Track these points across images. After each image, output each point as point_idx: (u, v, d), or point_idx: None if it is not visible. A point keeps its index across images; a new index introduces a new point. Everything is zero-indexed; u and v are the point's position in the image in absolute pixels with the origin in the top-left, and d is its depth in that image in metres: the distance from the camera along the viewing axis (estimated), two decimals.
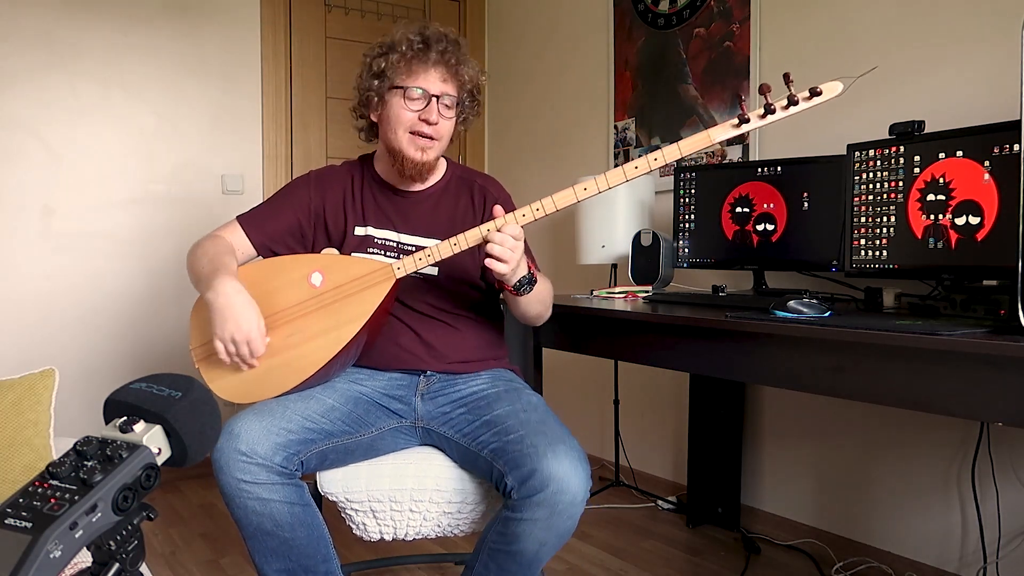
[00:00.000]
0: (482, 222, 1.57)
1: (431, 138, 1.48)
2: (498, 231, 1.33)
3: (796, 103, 1.25)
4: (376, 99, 1.51)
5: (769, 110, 1.26)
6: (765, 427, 2.37)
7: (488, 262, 1.33)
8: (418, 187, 1.59)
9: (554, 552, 1.30)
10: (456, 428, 1.47)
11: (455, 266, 1.55)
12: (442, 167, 1.63)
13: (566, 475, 1.24)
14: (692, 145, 1.30)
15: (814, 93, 1.24)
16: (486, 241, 1.34)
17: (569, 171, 3.08)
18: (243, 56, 3.00)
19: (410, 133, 1.48)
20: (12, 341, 2.63)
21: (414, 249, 1.54)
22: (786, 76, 1.23)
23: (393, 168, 1.55)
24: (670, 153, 1.31)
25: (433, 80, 1.48)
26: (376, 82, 1.50)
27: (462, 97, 1.53)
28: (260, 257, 1.57)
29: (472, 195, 1.61)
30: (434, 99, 1.47)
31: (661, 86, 2.66)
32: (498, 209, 1.37)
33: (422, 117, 1.47)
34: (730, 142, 2.41)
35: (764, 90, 1.24)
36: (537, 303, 1.49)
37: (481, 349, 1.59)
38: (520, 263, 1.37)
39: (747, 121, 1.27)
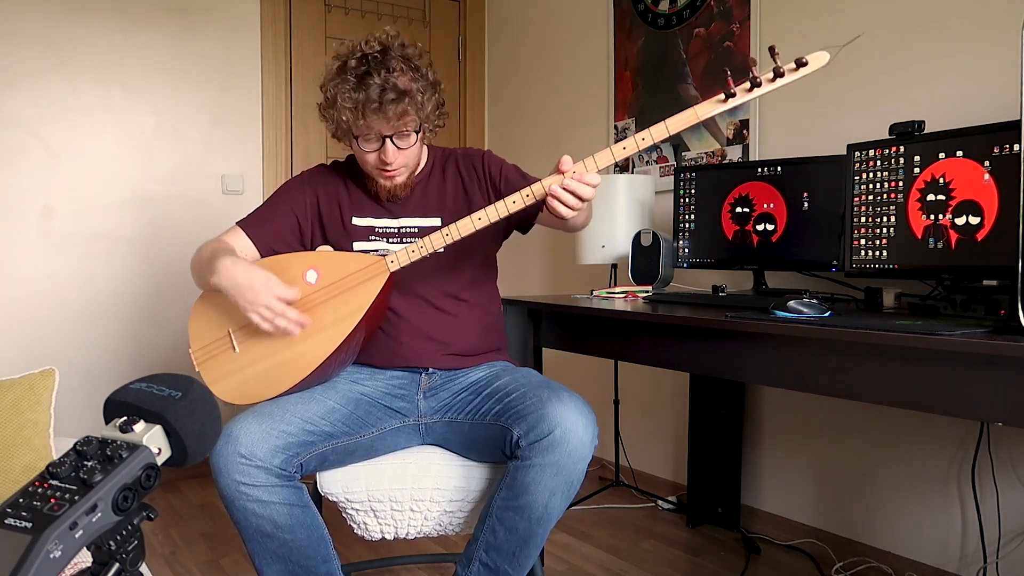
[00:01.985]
0: (480, 184, 1.60)
1: (394, 171, 1.49)
2: (563, 188, 1.30)
3: (782, 75, 1.23)
4: (343, 134, 1.49)
5: (755, 83, 1.24)
6: (765, 427, 2.37)
7: (561, 210, 1.32)
8: None
9: (563, 507, 1.30)
10: (459, 410, 1.49)
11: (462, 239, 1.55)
12: (424, 154, 1.65)
13: (572, 417, 1.26)
14: (679, 123, 1.30)
15: (800, 64, 1.22)
16: (543, 197, 1.32)
17: None
18: (243, 56, 3.00)
19: (375, 168, 1.50)
20: (12, 341, 2.63)
21: (416, 231, 1.57)
22: (771, 49, 1.20)
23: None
24: (657, 132, 1.31)
25: (383, 124, 1.41)
26: (340, 121, 1.45)
27: (422, 122, 1.47)
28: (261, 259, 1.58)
29: (458, 166, 1.63)
30: (387, 140, 1.43)
31: (661, 86, 2.66)
32: (566, 160, 1.31)
33: (380, 159, 1.46)
34: (730, 142, 2.41)
35: (750, 64, 1.23)
36: (586, 210, 1.47)
37: (481, 338, 1.60)
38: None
39: (733, 95, 1.26)
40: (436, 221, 1.58)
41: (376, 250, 1.56)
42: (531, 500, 1.27)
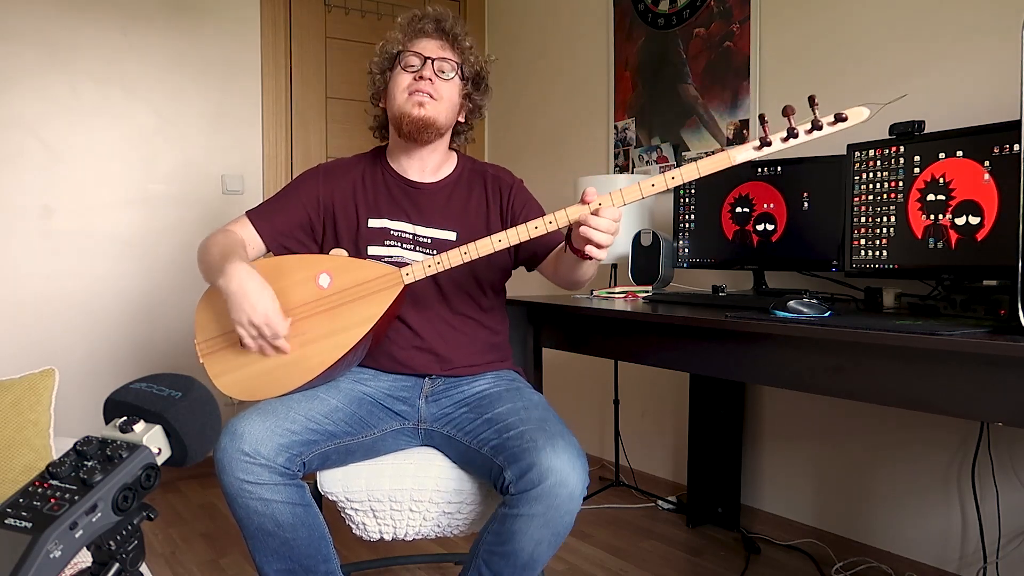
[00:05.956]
0: (503, 212, 1.60)
1: (429, 94, 1.50)
2: (593, 214, 1.27)
3: (820, 128, 1.21)
4: (381, 83, 1.57)
5: (792, 134, 1.22)
6: (765, 427, 2.37)
7: (589, 250, 1.30)
8: (431, 179, 1.60)
9: (549, 554, 1.29)
10: (458, 427, 1.47)
11: (473, 263, 1.54)
12: (453, 160, 1.64)
13: (564, 468, 1.23)
14: (712, 166, 1.27)
15: (839, 119, 1.21)
16: (577, 224, 1.29)
17: (569, 171, 3.08)
18: (243, 56, 3.00)
19: (408, 94, 1.50)
20: (12, 341, 2.63)
21: (429, 241, 1.55)
22: (811, 99, 1.19)
23: (400, 142, 1.56)
24: (688, 173, 1.28)
25: (430, 47, 1.53)
26: (380, 61, 1.57)
27: (465, 70, 1.56)
28: (270, 252, 1.57)
29: (485, 185, 1.61)
30: (429, 61, 1.51)
31: (661, 86, 2.66)
32: (591, 191, 1.30)
33: (417, 76, 1.51)
34: (730, 142, 2.41)
35: (788, 112, 1.21)
36: (595, 263, 1.47)
37: (486, 353, 1.59)
38: None
39: (768, 144, 1.24)
40: (452, 235, 1.55)
41: (390, 256, 1.54)
42: (517, 548, 1.25)
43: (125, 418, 0.73)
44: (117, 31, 2.76)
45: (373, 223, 1.56)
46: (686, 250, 2.14)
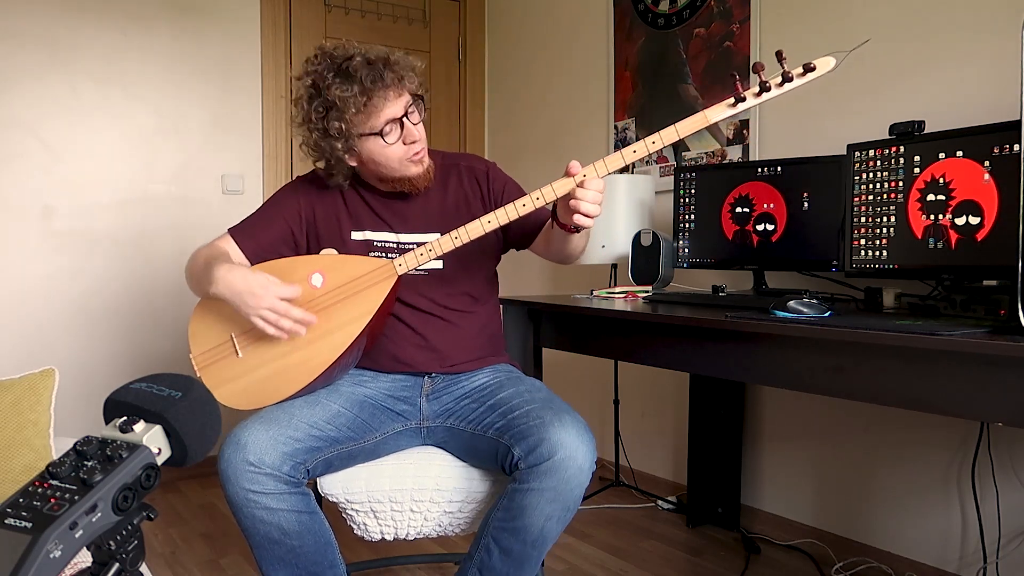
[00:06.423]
0: (484, 199, 1.58)
1: (420, 149, 1.47)
2: (579, 187, 1.30)
3: (791, 79, 1.25)
4: (349, 152, 1.45)
5: (764, 88, 1.25)
6: (765, 427, 2.37)
7: (578, 219, 1.32)
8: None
9: (558, 531, 1.30)
10: (461, 417, 1.48)
11: (462, 255, 1.55)
12: None
13: (573, 442, 1.26)
14: (689, 126, 1.29)
15: (807, 69, 1.24)
16: (565, 198, 1.32)
17: None
18: (243, 56, 3.00)
19: (406, 160, 1.46)
20: (12, 341, 2.63)
21: (413, 247, 1.53)
22: (779, 54, 1.23)
23: (390, 185, 1.53)
24: (667, 135, 1.30)
25: (394, 104, 1.41)
26: (341, 143, 1.42)
27: (418, 96, 1.47)
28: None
29: (460, 177, 1.60)
30: (404, 120, 1.42)
31: (661, 86, 2.66)
32: (574, 164, 1.33)
33: (406, 142, 1.44)
34: (730, 142, 2.41)
35: (758, 68, 1.24)
36: (585, 235, 1.48)
37: (482, 347, 1.59)
38: None
39: (743, 100, 1.26)
40: (434, 236, 1.53)
41: None
42: (527, 523, 1.27)
43: (125, 418, 0.73)
44: (117, 31, 2.76)
45: (356, 235, 1.55)
46: (686, 250, 2.14)
